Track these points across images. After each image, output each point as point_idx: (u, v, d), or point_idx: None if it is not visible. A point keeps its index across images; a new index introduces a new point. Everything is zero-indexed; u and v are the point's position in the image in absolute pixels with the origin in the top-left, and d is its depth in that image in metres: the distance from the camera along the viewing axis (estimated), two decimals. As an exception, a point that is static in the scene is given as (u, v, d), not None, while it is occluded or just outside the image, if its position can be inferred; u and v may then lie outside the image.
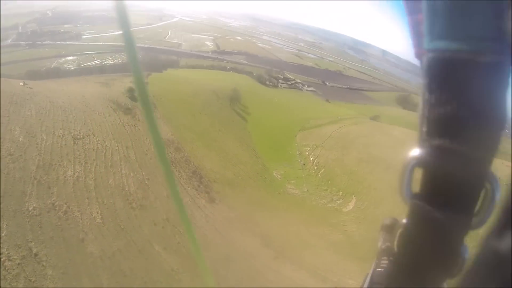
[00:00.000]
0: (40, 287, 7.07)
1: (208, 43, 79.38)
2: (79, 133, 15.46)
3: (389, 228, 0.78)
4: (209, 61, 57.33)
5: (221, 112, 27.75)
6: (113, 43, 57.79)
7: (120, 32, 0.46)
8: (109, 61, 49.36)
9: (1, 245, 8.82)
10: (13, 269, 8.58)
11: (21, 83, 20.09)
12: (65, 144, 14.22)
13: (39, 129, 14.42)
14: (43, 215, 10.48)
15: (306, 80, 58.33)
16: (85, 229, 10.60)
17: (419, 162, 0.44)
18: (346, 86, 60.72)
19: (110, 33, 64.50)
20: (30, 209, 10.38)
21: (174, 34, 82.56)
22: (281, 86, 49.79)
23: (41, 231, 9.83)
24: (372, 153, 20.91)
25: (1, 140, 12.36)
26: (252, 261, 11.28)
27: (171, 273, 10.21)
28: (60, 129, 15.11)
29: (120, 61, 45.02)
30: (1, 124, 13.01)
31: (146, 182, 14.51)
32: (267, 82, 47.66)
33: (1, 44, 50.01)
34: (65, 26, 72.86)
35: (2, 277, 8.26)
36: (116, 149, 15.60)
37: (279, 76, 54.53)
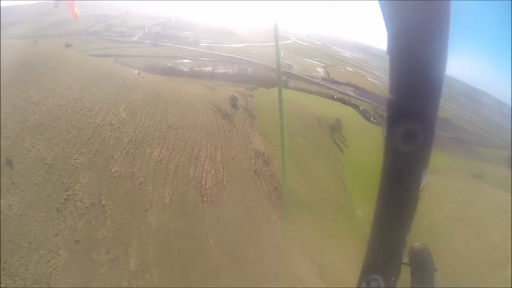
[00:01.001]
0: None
1: (319, 69, 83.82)
2: (175, 123, 18.48)
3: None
4: (317, 88, 61.70)
5: (320, 138, 29.71)
6: (226, 54, 67.71)
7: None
8: (220, 69, 56.58)
9: (78, 188, 11.19)
10: (81, 210, 10.41)
11: (136, 72, 25.98)
12: (159, 130, 17.00)
13: (140, 111, 17.84)
14: (120, 179, 12.53)
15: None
16: (152, 203, 12.15)
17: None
18: (452, 136, 60.98)
19: (225, 45, 76.91)
20: (113, 171, 12.69)
21: (287, 55, 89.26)
22: (385, 125, 51.95)
23: (115, 191, 11.80)
24: (466, 214, 20.36)
25: (105, 112, 16.02)
26: (299, 285, 11.88)
27: (214, 269, 11.00)
28: (159, 116, 18.36)
29: (230, 71, 53.33)
30: (109, 100, 17.19)
31: (225, 183, 16.11)
32: (372, 119, 49.80)
33: (129, 40, 71.42)
34: (185, 32, 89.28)
35: (71, 212, 10.36)
36: (204, 146, 17.94)
37: (385, 114, 57.72)
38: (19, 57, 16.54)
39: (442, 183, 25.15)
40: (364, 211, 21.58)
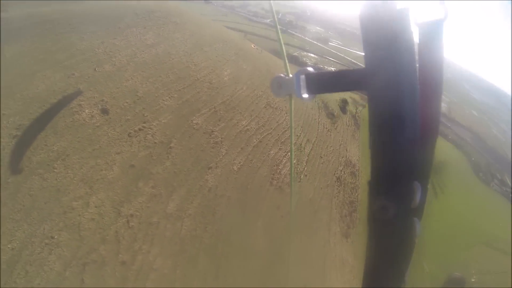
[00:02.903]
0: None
1: (443, 104, 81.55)
2: (275, 103, 20.19)
3: None
4: None
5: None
6: (352, 60, 74.74)
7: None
8: None
9: (155, 124, 12.87)
10: (149, 142, 11.99)
11: (253, 46, 31.09)
12: (257, 103, 18.72)
13: (244, 80, 19.97)
14: (198, 132, 14.00)
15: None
16: (218, 164, 13.31)
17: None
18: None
19: (353, 50, 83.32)
20: (194, 122, 14.33)
21: None
22: (492, 186, 54.47)
23: (187, 140, 13.29)
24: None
25: (209, 70, 18.25)
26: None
27: (246, 251, 11.61)
28: (261, 91, 20.25)
29: None
30: (217, 62, 19.65)
31: (302, 176, 16.95)
32: (480, 174, 53.72)
33: (261, 21, 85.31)
34: (317, 28, 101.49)
35: (139, 140, 11.99)
36: (297, 135, 19.31)
37: (497, 175, 59.56)
38: (148, 6, 21.65)
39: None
40: (431, 266, 22.23)
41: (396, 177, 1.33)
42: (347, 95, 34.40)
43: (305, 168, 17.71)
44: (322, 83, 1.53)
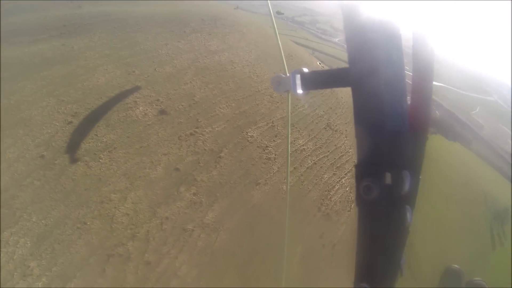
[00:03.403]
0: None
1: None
2: (336, 125, 19.72)
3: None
4: (500, 162, 63.35)
5: (476, 218, 30.06)
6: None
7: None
8: None
9: (208, 131, 13.28)
10: (198, 148, 12.38)
11: (319, 63, 31.85)
12: (316, 123, 18.44)
13: (306, 99, 19.91)
14: (251, 145, 14.06)
15: None
16: (268, 181, 13.21)
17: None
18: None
19: None
20: (248, 134, 14.41)
21: (482, 112, 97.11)
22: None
23: (239, 151, 13.40)
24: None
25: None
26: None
27: (284, 273, 11.33)
28: (323, 111, 20.02)
29: None
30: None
31: (353, 206, 16.00)
32: None
33: (329, 39, 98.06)
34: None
35: (188, 145, 12.39)
36: (353, 161, 17.83)
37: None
38: (215, 13, 22.77)
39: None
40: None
41: (378, 162, 1.64)
42: None
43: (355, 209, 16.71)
44: (314, 81, 1.95)
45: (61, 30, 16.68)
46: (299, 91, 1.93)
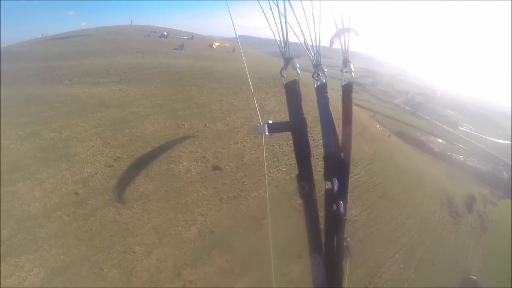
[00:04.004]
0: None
1: None
2: (392, 194, 19.67)
3: None
4: None
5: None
6: (486, 148, 77.81)
7: None
8: (472, 162, 67.62)
9: (251, 197, 13.52)
10: (237, 217, 12.62)
11: (379, 126, 34.89)
12: (372, 192, 18.52)
13: (364, 164, 20.43)
14: (299, 215, 13.10)
15: None
16: None
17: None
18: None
19: (486, 137, 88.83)
20: (298, 202, 14.15)
21: None
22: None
23: (284, 220, 13.04)
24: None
25: None
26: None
27: None
28: (380, 178, 20.06)
29: (481, 167, 63.45)
30: None
31: (406, 285, 15.89)
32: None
33: (390, 101, 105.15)
34: (447, 110, 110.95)
35: (229, 207, 12.55)
36: (411, 234, 18.16)
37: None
38: (274, 73, 24.67)
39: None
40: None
41: (309, 172, 3.08)
42: (476, 189, 35.67)
43: (412, 276, 15.91)
44: (274, 128, 3.22)
45: (122, 76, 18.90)
46: (267, 133, 3.19)
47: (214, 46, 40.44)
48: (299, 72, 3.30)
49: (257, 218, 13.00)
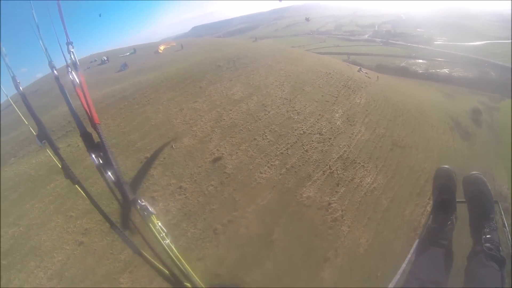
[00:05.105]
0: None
1: None
2: (402, 140, 18.90)
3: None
4: None
5: None
6: (466, 55, 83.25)
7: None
8: (458, 72, 71.48)
9: (250, 211, 12.35)
10: (240, 245, 11.33)
11: (364, 72, 33.76)
12: (380, 147, 17.49)
13: (360, 120, 18.93)
14: (309, 210, 12.84)
15: None
16: (339, 251, 12.00)
17: None
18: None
19: (462, 43, 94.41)
20: (303, 196, 13.12)
21: None
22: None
23: (295, 224, 12.25)
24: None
25: (317, 116, 17.80)
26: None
27: None
28: (383, 128, 19.07)
29: (469, 75, 67.05)
30: (324, 103, 19.41)
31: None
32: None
33: (359, 38, 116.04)
34: (417, 29, 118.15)
35: (228, 238, 11.27)
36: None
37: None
38: (232, 54, 22.46)
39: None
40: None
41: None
42: (474, 99, 39.70)
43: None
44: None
45: (67, 128, 16.95)
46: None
47: (160, 51, 39.11)
48: None
49: (263, 235, 11.47)
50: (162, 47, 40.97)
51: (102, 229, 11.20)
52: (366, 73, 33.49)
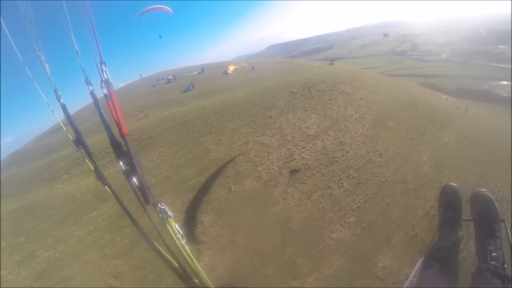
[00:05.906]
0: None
1: None
2: (498, 191, 14.34)
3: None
4: None
5: None
6: None
7: None
8: None
9: (310, 283, 9.89)
10: None
11: (444, 97, 32.02)
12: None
13: (451, 164, 15.75)
14: (383, 284, 10.06)
15: None
16: None
17: None
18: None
19: None
20: (378, 266, 10.43)
21: None
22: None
23: None
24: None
25: (401, 159, 15.23)
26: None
27: None
28: (476, 175, 15.22)
29: None
30: (409, 142, 16.95)
31: None
32: None
33: (436, 58, 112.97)
34: (500, 46, 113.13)
35: None
36: None
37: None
38: (307, 79, 21.64)
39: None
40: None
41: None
42: None
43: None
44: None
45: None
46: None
47: (230, 71, 37.91)
48: None
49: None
50: (231, 68, 39.95)
51: (136, 276, 10.01)
52: (452, 102, 30.94)
